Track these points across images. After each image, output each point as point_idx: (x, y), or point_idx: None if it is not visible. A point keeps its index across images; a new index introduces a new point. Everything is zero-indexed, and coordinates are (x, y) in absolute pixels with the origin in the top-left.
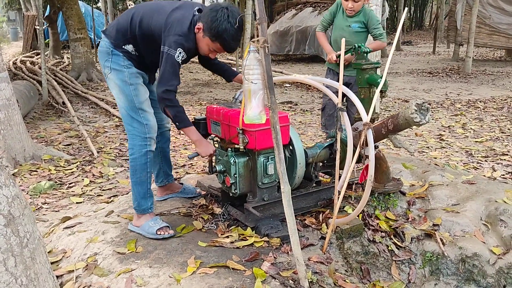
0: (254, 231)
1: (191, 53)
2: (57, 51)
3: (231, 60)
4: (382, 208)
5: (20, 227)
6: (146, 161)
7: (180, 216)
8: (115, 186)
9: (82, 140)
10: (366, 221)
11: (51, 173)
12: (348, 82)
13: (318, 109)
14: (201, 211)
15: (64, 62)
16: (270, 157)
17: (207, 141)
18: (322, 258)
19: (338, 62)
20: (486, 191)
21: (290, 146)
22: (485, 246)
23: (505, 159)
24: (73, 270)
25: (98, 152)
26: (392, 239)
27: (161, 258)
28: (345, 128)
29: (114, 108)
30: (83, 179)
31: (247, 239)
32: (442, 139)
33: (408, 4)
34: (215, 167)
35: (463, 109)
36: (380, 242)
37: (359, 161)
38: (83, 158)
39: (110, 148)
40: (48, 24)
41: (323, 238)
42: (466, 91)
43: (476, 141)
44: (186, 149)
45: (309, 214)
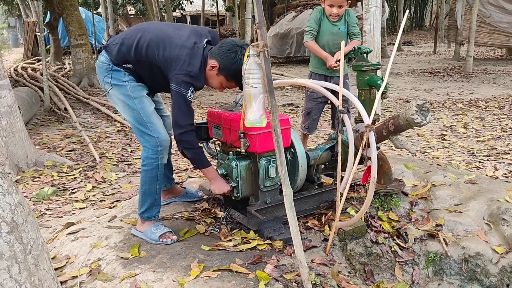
0: (257, 234)
1: (199, 89)
2: (58, 57)
3: None
4: (385, 209)
5: (23, 234)
6: (157, 173)
7: (183, 220)
8: (118, 191)
9: (84, 145)
10: (369, 222)
11: (53, 179)
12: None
13: None
14: (204, 215)
15: (66, 68)
16: (271, 160)
17: (223, 180)
18: (325, 260)
19: (338, 69)
20: (488, 191)
21: (291, 148)
22: (488, 246)
23: (507, 158)
24: (77, 276)
25: (100, 157)
26: (395, 240)
27: (164, 262)
28: (346, 130)
29: (116, 113)
30: (85, 185)
31: (250, 242)
32: (444, 139)
33: (408, 4)
34: (217, 171)
35: (464, 108)
36: (383, 243)
37: (361, 163)
38: (86, 163)
39: (112, 153)
40: (48, 31)
41: (326, 240)
42: (468, 91)
43: (478, 141)
44: None
45: (311, 216)
